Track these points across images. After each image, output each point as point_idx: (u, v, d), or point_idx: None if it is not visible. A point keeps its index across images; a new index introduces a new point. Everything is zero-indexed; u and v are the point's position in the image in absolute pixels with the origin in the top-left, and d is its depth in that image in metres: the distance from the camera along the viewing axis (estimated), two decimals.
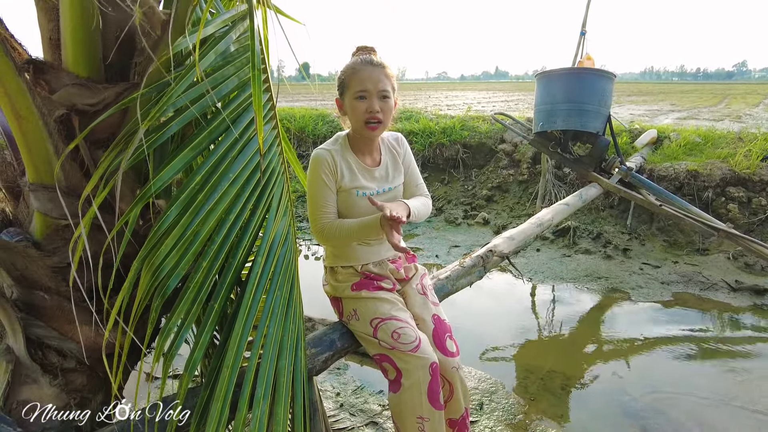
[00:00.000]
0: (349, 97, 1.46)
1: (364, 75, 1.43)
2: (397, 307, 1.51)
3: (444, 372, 1.46)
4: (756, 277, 3.66)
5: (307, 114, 7.40)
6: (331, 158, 1.48)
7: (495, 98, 15.60)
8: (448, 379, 1.47)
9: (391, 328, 1.43)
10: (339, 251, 1.59)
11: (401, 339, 1.40)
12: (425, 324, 1.54)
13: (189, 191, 0.97)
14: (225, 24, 1.10)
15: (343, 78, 1.48)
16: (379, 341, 1.44)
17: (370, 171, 1.55)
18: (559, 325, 3.01)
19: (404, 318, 1.48)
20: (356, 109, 1.45)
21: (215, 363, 0.97)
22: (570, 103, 3.72)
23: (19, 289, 1.01)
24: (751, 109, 11.39)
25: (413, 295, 1.62)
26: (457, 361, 1.50)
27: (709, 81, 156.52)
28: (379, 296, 1.53)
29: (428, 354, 1.39)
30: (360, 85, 1.43)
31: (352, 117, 1.48)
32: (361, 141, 1.54)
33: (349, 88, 1.45)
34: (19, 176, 1.06)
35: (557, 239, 4.51)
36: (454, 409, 1.49)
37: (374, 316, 1.47)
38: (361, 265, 1.58)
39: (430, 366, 1.38)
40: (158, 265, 0.90)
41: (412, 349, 1.38)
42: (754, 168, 4.43)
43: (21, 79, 0.91)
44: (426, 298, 1.62)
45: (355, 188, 1.50)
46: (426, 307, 1.59)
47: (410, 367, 1.37)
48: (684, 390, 2.32)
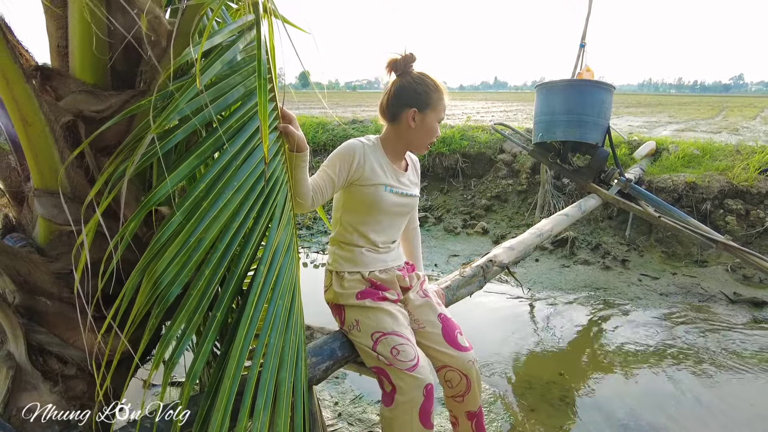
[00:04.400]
0: (432, 118, 1.53)
1: (446, 103, 1.56)
2: (399, 322, 1.51)
3: (460, 367, 1.52)
4: (754, 290, 3.67)
5: (308, 122, 7.42)
6: (362, 153, 1.52)
7: (494, 108, 15.70)
8: (465, 373, 1.52)
9: (392, 344, 1.43)
10: (347, 255, 1.60)
11: (400, 356, 1.41)
12: (433, 325, 1.57)
13: (193, 198, 0.96)
14: (232, 34, 1.10)
15: (431, 96, 1.52)
16: (378, 355, 1.44)
17: (398, 173, 1.60)
18: (558, 336, 3.01)
19: (406, 335, 1.48)
20: (433, 131, 1.56)
21: (216, 374, 0.97)
22: (569, 114, 3.75)
23: (21, 295, 1.01)
24: (748, 122, 11.48)
25: (416, 299, 1.64)
26: (472, 354, 1.55)
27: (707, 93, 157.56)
28: (382, 307, 1.53)
29: (424, 375, 1.40)
30: (443, 112, 1.56)
31: (423, 135, 1.55)
32: (397, 149, 1.60)
33: (435, 111, 1.53)
34: (24, 182, 1.06)
35: (556, 249, 4.51)
36: (472, 402, 1.56)
37: (376, 330, 1.47)
38: (369, 271, 1.59)
39: (425, 387, 1.39)
40: (160, 273, 0.90)
41: (409, 368, 1.39)
42: (752, 180, 4.46)
43: (28, 86, 0.91)
44: (429, 300, 1.65)
45: (384, 184, 1.54)
46: (431, 308, 1.62)
47: (405, 385, 1.38)
48: (684, 403, 2.32)
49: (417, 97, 1.51)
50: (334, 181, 1.49)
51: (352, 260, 1.59)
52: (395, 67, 1.55)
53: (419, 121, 1.53)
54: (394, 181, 1.58)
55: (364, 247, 1.59)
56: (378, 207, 1.55)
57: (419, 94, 1.51)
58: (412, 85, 1.52)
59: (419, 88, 1.52)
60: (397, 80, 1.54)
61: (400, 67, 1.55)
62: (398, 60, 1.54)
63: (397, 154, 1.62)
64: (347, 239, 1.60)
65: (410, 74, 1.54)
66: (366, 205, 1.54)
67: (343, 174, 1.50)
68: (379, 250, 1.61)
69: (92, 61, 1.00)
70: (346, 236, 1.60)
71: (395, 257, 1.68)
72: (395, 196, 1.57)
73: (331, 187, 1.49)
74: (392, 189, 1.56)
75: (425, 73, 1.54)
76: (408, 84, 1.52)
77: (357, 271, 1.59)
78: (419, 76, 1.53)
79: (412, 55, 1.53)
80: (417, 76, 1.53)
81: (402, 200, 1.60)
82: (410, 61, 1.54)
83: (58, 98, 1.00)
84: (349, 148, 1.52)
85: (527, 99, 27.07)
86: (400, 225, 1.68)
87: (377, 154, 1.56)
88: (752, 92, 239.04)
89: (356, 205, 1.56)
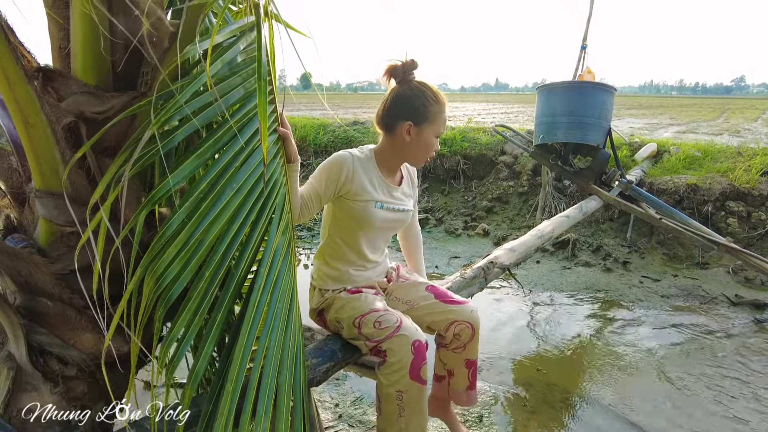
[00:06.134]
0: (429, 132, 1.45)
1: (445, 117, 1.47)
2: (370, 300, 1.50)
3: (466, 318, 1.55)
4: (756, 292, 3.66)
5: (309, 123, 7.43)
6: (351, 166, 1.45)
7: (495, 110, 15.70)
8: (470, 322, 1.56)
9: (372, 320, 1.42)
10: (333, 273, 1.57)
11: (383, 326, 1.40)
12: (425, 298, 1.58)
13: (193, 199, 0.96)
14: (233, 34, 1.11)
15: (428, 109, 1.42)
16: (366, 338, 1.42)
17: (391, 188, 1.54)
18: (559, 338, 3.00)
19: (382, 307, 1.47)
20: (431, 145, 1.47)
21: (219, 376, 0.96)
22: (571, 116, 3.75)
23: (22, 296, 1.01)
24: (749, 124, 11.47)
25: (399, 286, 1.65)
26: (472, 304, 1.58)
27: (708, 95, 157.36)
28: (354, 297, 1.52)
29: (410, 332, 1.38)
30: (442, 127, 1.47)
31: (420, 149, 1.47)
32: (391, 162, 1.53)
33: (433, 125, 1.44)
34: (25, 183, 1.06)
35: (557, 251, 4.51)
36: (472, 350, 1.61)
37: (354, 317, 1.46)
38: (353, 285, 1.59)
39: (412, 344, 1.36)
40: (161, 273, 0.89)
41: (393, 331, 1.37)
42: (754, 183, 4.45)
43: (30, 87, 0.91)
44: (411, 281, 1.66)
45: (374, 200, 1.48)
46: (416, 286, 1.63)
47: (393, 346, 1.37)
48: (685, 405, 2.31)
49: (413, 110, 1.42)
50: (320, 196, 1.44)
51: (337, 279, 1.57)
52: (394, 74, 1.45)
53: (415, 135, 1.44)
54: (386, 197, 1.52)
55: (351, 266, 1.56)
56: (368, 223, 1.49)
57: (416, 107, 1.42)
58: (410, 96, 1.42)
59: (417, 101, 1.42)
60: (395, 89, 1.45)
61: (399, 74, 1.45)
62: (398, 66, 1.44)
63: (391, 167, 1.54)
64: (335, 253, 1.57)
65: (409, 83, 1.44)
66: (355, 219, 1.49)
67: (330, 189, 1.44)
68: (366, 267, 1.58)
69: (94, 63, 1.00)
70: (334, 250, 1.57)
71: (381, 272, 1.66)
72: (386, 212, 1.51)
73: (318, 202, 1.45)
74: (383, 205, 1.50)
75: (426, 83, 1.44)
76: (405, 94, 1.43)
77: (341, 287, 1.58)
78: (418, 87, 1.43)
79: (413, 61, 1.43)
80: (416, 86, 1.43)
81: (394, 216, 1.55)
82: (411, 69, 1.44)
83: (59, 99, 1.00)
84: (337, 161, 1.44)
85: (528, 101, 27.09)
86: (390, 237, 1.66)
87: (369, 167, 1.49)
88: (754, 94, 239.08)
89: (345, 218, 1.50)
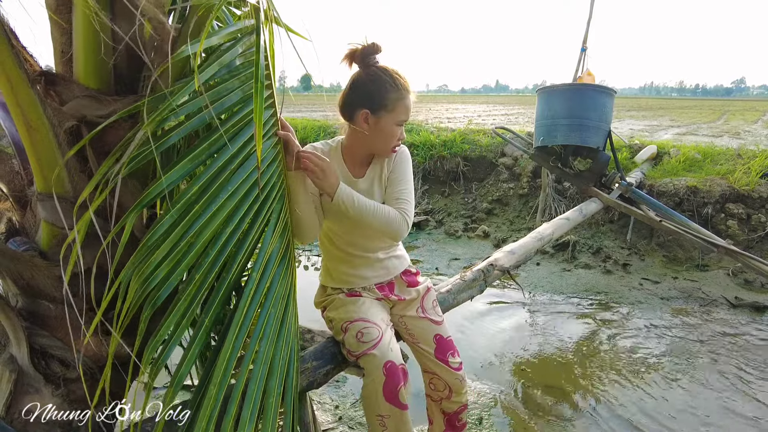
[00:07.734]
0: (389, 121, 1.36)
1: (408, 104, 1.38)
2: (366, 307, 1.47)
3: (447, 381, 1.53)
4: (756, 294, 3.66)
5: (309, 125, 7.44)
6: None
7: (495, 111, 15.72)
8: (449, 384, 1.53)
9: (356, 329, 1.39)
10: (327, 269, 1.60)
11: (363, 338, 1.37)
12: (427, 344, 1.55)
13: (185, 201, 0.95)
14: (232, 37, 1.11)
15: (385, 96, 1.34)
16: (348, 348, 1.40)
17: (354, 182, 1.48)
18: (559, 340, 3.01)
19: (372, 318, 1.42)
20: (393, 134, 1.39)
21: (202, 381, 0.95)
22: (571, 118, 3.75)
23: (24, 298, 1.01)
24: (749, 126, 11.48)
25: (413, 319, 1.59)
26: (461, 374, 1.55)
27: (708, 97, 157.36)
28: (351, 300, 1.51)
29: (382, 353, 1.33)
30: (404, 114, 1.38)
31: (383, 139, 1.40)
32: (356, 152, 1.48)
33: (393, 113, 1.36)
34: (27, 186, 1.07)
35: (557, 253, 4.51)
36: (448, 407, 1.57)
37: (343, 321, 1.45)
38: (348, 289, 1.58)
39: (383, 366, 1.32)
40: (148, 275, 0.88)
41: (368, 349, 1.34)
42: (754, 185, 4.46)
43: (33, 91, 0.92)
44: (427, 320, 1.59)
45: None
46: (427, 327, 1.58)
47: (368, 366, 1.35)
48: (684, 407, 2.31)
49: (369, 97, 1.34)
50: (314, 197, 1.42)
51: (333, 277, 1.59)
52: (354, 58, 1.36)
53: (372, 124, 1.36)
54: None
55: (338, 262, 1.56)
56: (331, 216, 1.47)
57: (371, 92, 1.33)
58: (366, 82, 1.34)
59: (372, 86, 1.33)
60: (354, 75, 1.37)
61: (358, 59, 1.36)
62: (357, 51, 1.35)
63: (356, 158, 1.48)
64: (324, 250, 1.59)
65: (368, 69, 1.35)
66: (325, 213, 1.47)
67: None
68: (353, 263, 1.55)
69: (96, 66, 1.01)
70: (324, 246, 1.59)
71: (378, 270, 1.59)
72: None
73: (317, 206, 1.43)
74: None
75: (386, 68, 1.35)
76: (362, 81, 1.35)
77: (340, 287, 1.59)
78: (376, 73, 1.34)
79: (374, 45, 1.34)
80: (374, 72, 1.34)
81: None
82: (371, 53, 1.34)
83: (62, 103, 1.01)
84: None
85: (528, 102, 27.09)
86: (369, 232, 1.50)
87: (332, 159, 1.41)
88: (754, 96, 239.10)
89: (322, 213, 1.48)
